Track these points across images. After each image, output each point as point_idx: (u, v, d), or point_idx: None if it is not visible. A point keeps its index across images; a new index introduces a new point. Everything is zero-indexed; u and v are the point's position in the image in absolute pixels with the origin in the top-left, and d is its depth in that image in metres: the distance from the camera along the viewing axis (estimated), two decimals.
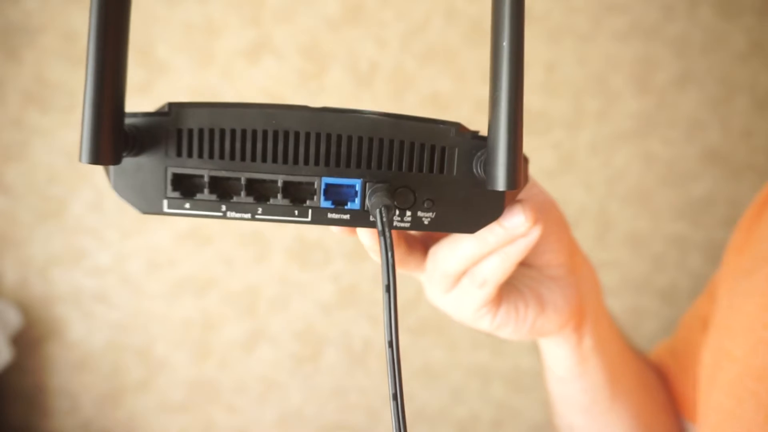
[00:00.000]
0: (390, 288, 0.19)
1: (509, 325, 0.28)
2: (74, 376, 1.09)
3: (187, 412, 1.13)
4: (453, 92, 1.09)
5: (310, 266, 1.10)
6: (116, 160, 0.19)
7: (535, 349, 0.40)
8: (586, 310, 0.31)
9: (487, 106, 0.20)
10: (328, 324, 1.13)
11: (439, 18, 1.06)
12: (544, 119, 1.11)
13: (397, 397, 0.19)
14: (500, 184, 0.19)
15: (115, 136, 0.19)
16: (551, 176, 1.13)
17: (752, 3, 1.12)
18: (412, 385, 1.17)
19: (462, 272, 0.25)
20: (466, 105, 1.09)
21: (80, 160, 0.18)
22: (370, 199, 0.21)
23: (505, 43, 0.18)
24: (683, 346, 0.43)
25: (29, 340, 1.05)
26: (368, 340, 1.15)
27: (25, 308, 1.04)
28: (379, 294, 1.13)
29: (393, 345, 0.19)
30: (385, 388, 1.17)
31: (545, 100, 1.11)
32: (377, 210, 0.20)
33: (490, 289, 0.25)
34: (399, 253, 0.26)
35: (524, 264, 0.29)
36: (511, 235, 0.23)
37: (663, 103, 1.13)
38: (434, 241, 0.27)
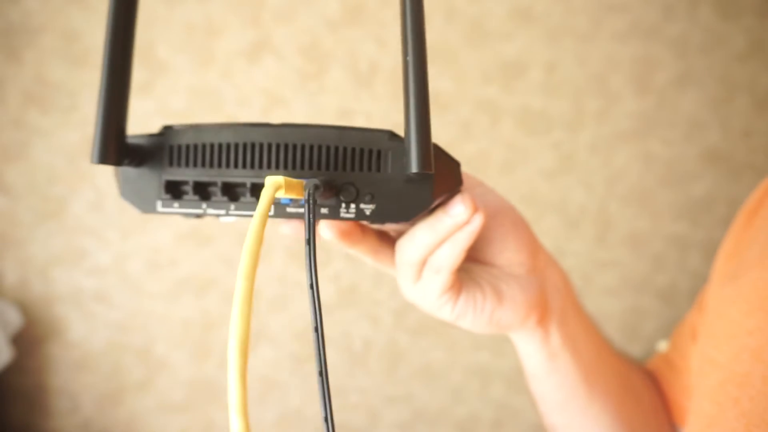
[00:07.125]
0: (310, 242, 0.22)
1: (468, 315, 0.31)
2: (74, 376, 1.09)
3: (187, 412, 1.13)
4: (453, 92, 1.09)
5: None
6: (118, 162, 0.25)
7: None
8: (551, 307, 0.33)
9: (487, 106, 0.20)
10: (328, 323, 1.13)
11: (439, 18, 1.06)
12: (544, 119, 1.11)
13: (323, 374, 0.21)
14: (413, 167, 0.23)
15: (118, 144, 0.25)
16: (551, 176, 1.13)
17: (752, 3, 1.12)
18: (412, 385, 1.17)
19: (422, 261, 0.29)
20: (466, 105, 1.09)
21: (91, 161, 0.24)
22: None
23: (409, 58, 0.22)
24: (675, 354, 0.44)
25: (29, 340, 1.05)
26: (368, 340, 1.15)
27: (25, 308, 1.04)
28: (380, 294, 1.13)
29: (313, 287, 0.21)
30: (386, 389, 1.17)
31: (545, 101, 1.11)
32: (306, 188, 0.24)
33: (446, 274, 0.29)
34: (370, 242, 0.31)
35: (487, 263, 0.32)
36: (456, 222, 0.27)
37: (663, 103, 1.13)
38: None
